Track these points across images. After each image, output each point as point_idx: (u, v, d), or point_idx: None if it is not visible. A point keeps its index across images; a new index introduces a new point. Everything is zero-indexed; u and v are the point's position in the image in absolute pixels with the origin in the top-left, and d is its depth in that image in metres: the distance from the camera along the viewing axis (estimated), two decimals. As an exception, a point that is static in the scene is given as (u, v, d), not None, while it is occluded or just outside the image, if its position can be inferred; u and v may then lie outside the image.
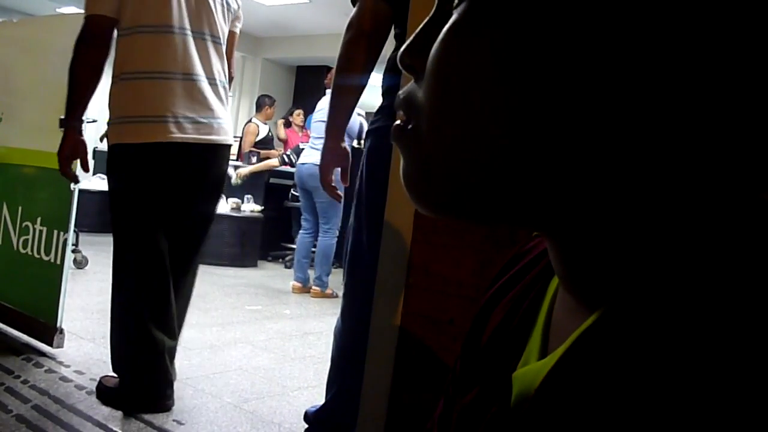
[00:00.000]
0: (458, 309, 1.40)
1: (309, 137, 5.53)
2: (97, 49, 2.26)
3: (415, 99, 0.36)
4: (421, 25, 0.37)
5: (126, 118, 2.31)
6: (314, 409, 2.14)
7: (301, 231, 5.29)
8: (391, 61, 1.78)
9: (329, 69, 5.66)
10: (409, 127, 0.37)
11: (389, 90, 1.81)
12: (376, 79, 1.78)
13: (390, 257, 1.51)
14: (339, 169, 1.98)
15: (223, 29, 2.44)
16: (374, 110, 1.89)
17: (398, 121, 0.38)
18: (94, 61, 2.29)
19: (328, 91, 5.00)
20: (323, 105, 5.17)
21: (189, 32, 2.31)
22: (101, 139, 4.72)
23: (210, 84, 2.37)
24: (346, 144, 1.96)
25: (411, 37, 0.38)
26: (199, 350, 3.27)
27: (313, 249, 5.31)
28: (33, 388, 2.52)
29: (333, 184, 1.99)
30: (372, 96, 2.47)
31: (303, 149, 5.45)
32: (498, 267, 0.53)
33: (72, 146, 2.38)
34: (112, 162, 2.38)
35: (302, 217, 5.29)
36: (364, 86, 1.89)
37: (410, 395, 1.46)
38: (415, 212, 1.44)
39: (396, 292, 1.48)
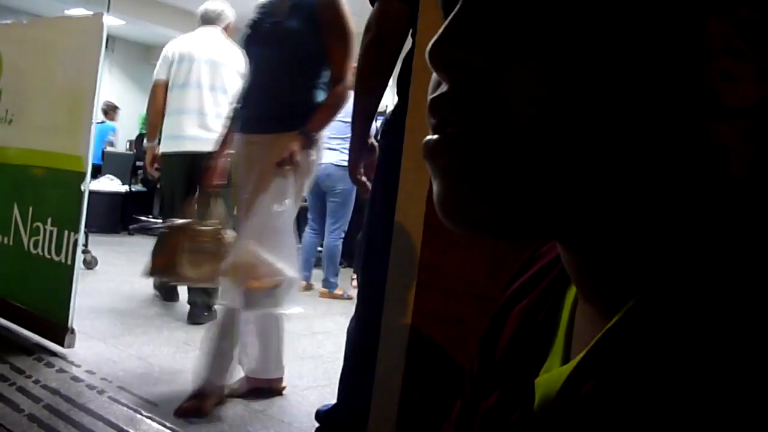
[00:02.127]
0: (469, 308, 1.40)
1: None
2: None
3: (471, 101, 0.33)
4: (450, 19, 0.34)
5: None
6: (326, 408, 2.14)
7: (307, 229, 5.27)
8: (407, 60, 1.78)
9: None
10: (449, 133, 0.34)
11: (403, 90, 1.80)
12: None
13: (401, 256, 1.51)
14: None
15: None
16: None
17: (434, 136, 0.35)
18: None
19: None
20: None
21: None
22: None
23: None
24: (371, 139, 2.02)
25: (443, 31, 0.34)
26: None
27: (318, 249, 5.32)
28: (44, 387, 2.53)
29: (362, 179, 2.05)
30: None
31: None
32: (509, 266, 0.53)
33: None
34: None
35: (310, 217, 5.26)
36: (384, 88, 1.91)
37: (422, 395, 1.46)
38: (426, 211, 1.43)
39: (407, 292, 1.48)
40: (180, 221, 2.70)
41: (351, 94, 2.24)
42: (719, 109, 0.31)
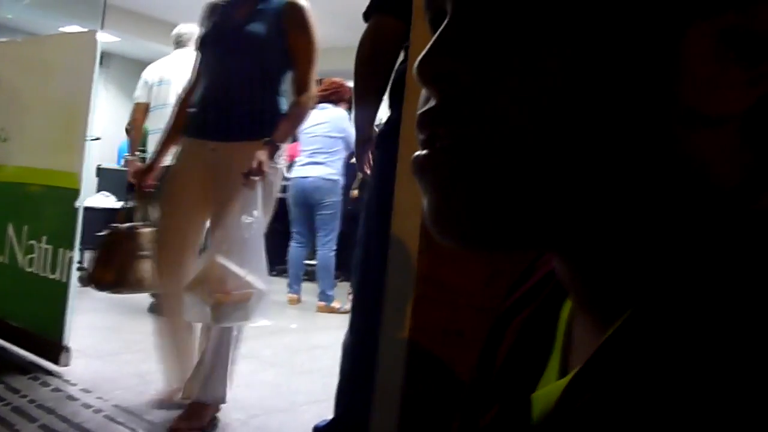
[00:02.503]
0: (468, 320, 1.39)
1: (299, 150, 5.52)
2: None
3: (459, 114, 0.33)
4: (437, 34, 0.35)
5: None
6: (323, 423, 2.13)
7: (293, 243, 5.28)
8: (400, 72, 1.78)
9: (320, 81, 5.79)
10: (438, 148, 0.34)
11: (396, 103, 1.81)
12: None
13: (398, 268, 1.50)
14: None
15: None
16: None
17: (423, 151, 0.35)
18: None
19: (319, 107, 5.08)
20: (314, 119, 5.19)
21: None
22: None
23: None
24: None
25: (431, 47, 0.35)
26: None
27: (307, 262, 5.36)
28: (40, 407, 2.50)
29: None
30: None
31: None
32: (508, 277, 0.53)
33: None
34: None
35: (295, 230, 5.27)
36: (381, 100, 1.96)
37: (421, 408, 1.45)
38: (422, 222, 1.43)
39: (404, 304, 1.47)
40: (123, 226, 2.60)
41: (313, 104, 2.43)
42: (702, 117, 0.31)
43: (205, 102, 2.44)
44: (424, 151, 0.35)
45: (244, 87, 2.39)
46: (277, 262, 6.72)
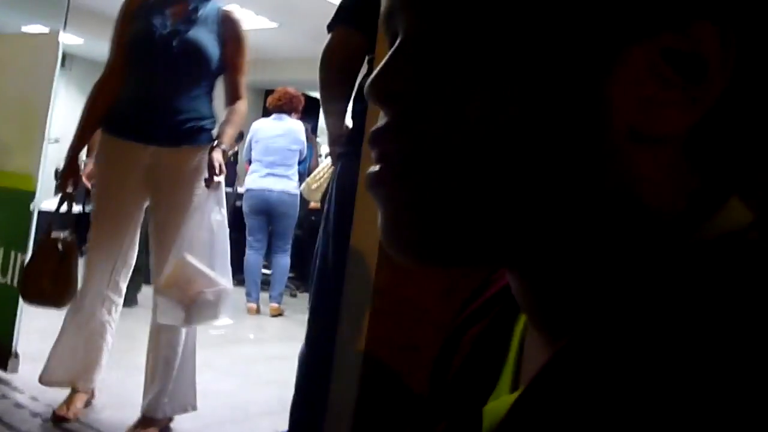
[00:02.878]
0: (424, 335, 1.39)
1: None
2: None
3: (407, 132, 0.34)
4: (389, 55, 0.36)
5: None
6: (277, 436, 2.11)
7: (250, 251, 5.31)
8: (361, 87, 1.80)
9: (269, 93, 5.94)
10: (389, 164, 0.35)
11: (358, 114, 1.82)
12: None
13: (355, 282, 1.51)
14: None
15: None
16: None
17: (375, 168, 0.36)
18: None
19: (275, 117, 5.32)
20: (273, 130, 5.28)
21: None
22: None
23: None
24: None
25: (381, 67, 0.36)
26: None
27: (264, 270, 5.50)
28: (-15, 414, 2.44)
29: None
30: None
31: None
32: (465, 293, 0.53)
33: None
34: None
35: (252, 238, 5.32)
36: (346, 109, 2.02)
37: (375, 422, 1.44)
38: (381, 237, 1.43)
39: (361, 317, 1.47)
40: (61, 234, 2.48)
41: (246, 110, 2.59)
42: (642, 137, 0.32)
43: (142, 105, 2.43)
44: (377, 167, 0.36)
45: (187, 94, 2.45)
46: (233, 271, 6.68)
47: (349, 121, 2.04)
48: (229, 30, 2.52)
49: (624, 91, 0.32)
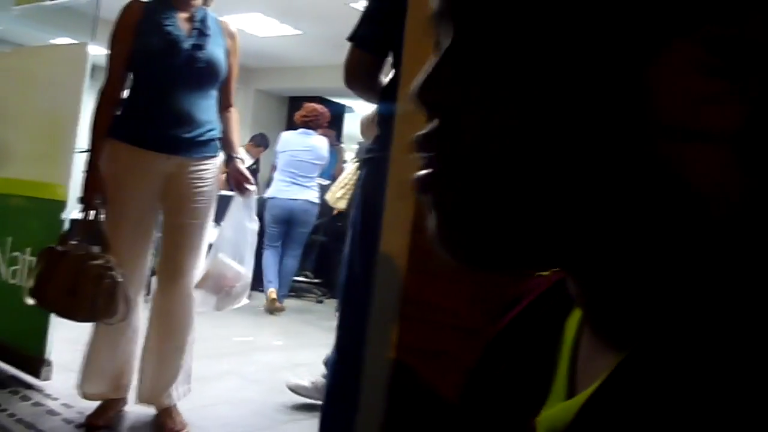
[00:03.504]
0: (453, 341, 1.38)
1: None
2: None
3: (455, 138, 0.34)
4: (436, 61, 0.36)
5: None
6: (306, 442, 2.11)
7: (268, 251, 5.58)
8: (387, 89, 1.80)
9: (293, 100, 6.17)
10: (438, 170, 0.35)
11: (385, 119, 1.82)
12: (359, 107, 1.88)
13: (384, 288, 1.50)
14: None
15: None
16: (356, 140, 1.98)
17: (423, 172, 0.36)
18: None
19: (301, 131, 5.60)
20: (300, 143, 5.55)
21: None
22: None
23: None
24: None
25: (429, 73, 0.36)
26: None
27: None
28: (19, 422, 2.47)
29: None
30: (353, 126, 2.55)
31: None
32: (494, 298, 0.53)
33: None
34: None
35: (271, 244, 5.61)
36: None
37: (404, 429, 1.44)
38: (410, 242, 1.43)
39: (390, 324, 1.46)
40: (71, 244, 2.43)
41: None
42: (690, 133, 0.31)
43: (164, 116, 2.50)
44: (425, 171, 0.35)
45: (204, 104, 2.57)
46: (261, 279, 6.75)
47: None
48: (231, 42, 2.67)
49: (671, 86, 0.31)
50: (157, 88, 2.50)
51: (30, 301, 2.45)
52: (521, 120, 0.32)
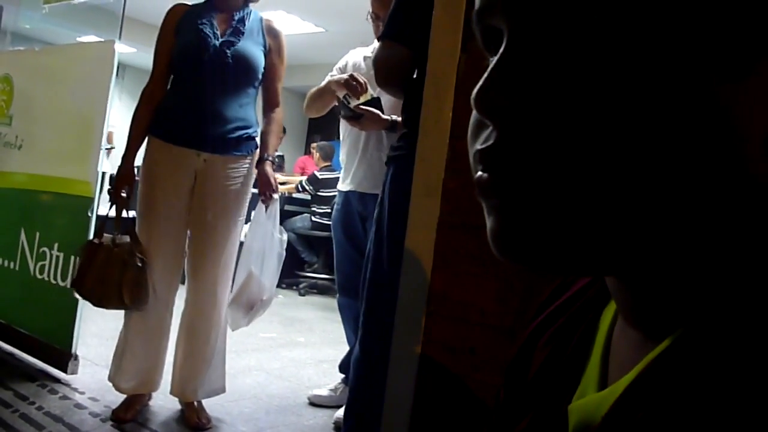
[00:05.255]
0: (479, 337, 1.38)
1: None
2: None
3: (518, 148, 0.33)
4: (494, 64, 0.34)
5: None
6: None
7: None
8: (410, 94, 1.81)
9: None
10: (501, 176, 0.34)
11: (410, 120, 1.81)
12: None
13: (410, 285, 1.50)
14: None
15: None
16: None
17: (485, 174, 0.35)
18: None
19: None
20: None
21: None
22: None
23: None
24: None
25: (486, 79, 0.34)
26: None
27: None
28: (47, 414, 2.50)
29: None
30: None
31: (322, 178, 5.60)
32: (521, 295, 0.53)
33: None
34: None
35: None
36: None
37: (432, 425, 1.44)
38: (436, 239, 1.43)
39: (416, 320, 1.46)
40: (106, 238, 2.55)
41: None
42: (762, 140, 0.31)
43: (195, 113, 2.53)
44: (486, 174, 0.34)
45: (237, 102, 2.56)
46: (286, 275, 6.78)
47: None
48: (272, 40, 2.66)
49: (757, 102, 0.30)
50: (190, 86, 2.55)
51: (75, 294, 2.59)
52: (592, 126, 0.31)
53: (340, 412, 2.57)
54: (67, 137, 3.19)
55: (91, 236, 2.89)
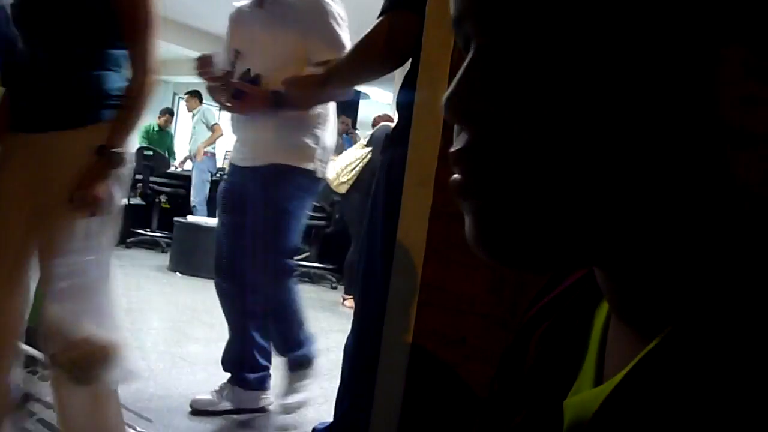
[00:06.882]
0: (471, 327, 1.39)
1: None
2: None
3: (492, 152, 0.33)
4: (463, 70, 0.34)
5: None
6: (322, 426, 2.13)
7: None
8: (408, 78, 1.78)
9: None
10: (477, 179, 0.34)
11: (404, 107, 1.80)
12: (375, 94, 1.80)
13: (402, 274, 1.51)
14: None
15: None
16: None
17: (459, 177, 0.35)
18: None
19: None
20: None
21: None
22: None
23: None
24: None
25: (457, 85, 0.34)
26: (204, 365, 3.25)
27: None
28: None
29: None
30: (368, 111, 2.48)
31: None
32: (512, 285, 0.53)
33: None
34: None
35: None
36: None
37: (422, 413, 1.45)
38: (428, 228, 1.43)
39: (408, 309, 1.47)
40: None
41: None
42: (746, 136, 0.31)
43: (16, 84, 1.84)
44: (461, 178, 0.35)
45: (55, 54, 1.76)
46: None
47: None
48: None
49: (725, 91, 0.31)
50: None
51: None
52: (567, 128, 0.31)
53: (199, 395, 2.62)
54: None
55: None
